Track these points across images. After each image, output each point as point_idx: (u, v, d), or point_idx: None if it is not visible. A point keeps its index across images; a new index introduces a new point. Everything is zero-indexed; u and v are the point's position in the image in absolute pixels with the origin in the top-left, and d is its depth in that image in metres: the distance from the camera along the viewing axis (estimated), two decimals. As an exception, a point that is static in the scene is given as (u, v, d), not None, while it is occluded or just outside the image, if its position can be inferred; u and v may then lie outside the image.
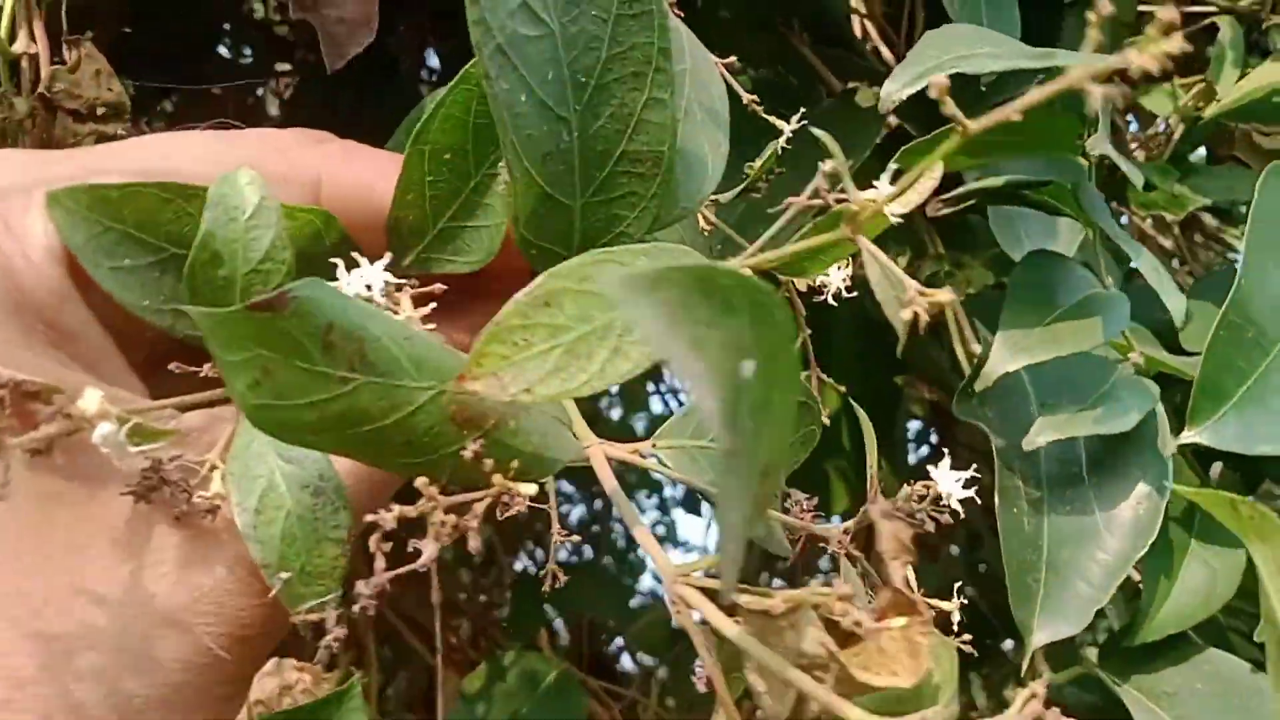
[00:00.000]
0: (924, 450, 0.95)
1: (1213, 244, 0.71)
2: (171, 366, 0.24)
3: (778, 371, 0.15)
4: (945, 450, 0.29)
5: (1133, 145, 0.52)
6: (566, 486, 1.09)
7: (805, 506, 0.30)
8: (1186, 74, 0.55)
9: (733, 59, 0.33)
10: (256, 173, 0.23)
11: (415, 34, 0.61)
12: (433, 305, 0.24)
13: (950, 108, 0.19)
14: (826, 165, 0.27)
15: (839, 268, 0.29)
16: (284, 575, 0.23)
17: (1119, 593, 0.38)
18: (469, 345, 0.22)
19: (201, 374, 0.24)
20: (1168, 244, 0.71)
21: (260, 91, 0.68)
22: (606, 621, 0.91)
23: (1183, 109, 0.52)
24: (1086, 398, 0.38)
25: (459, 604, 0.78)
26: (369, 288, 0.23)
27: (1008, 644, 0.80)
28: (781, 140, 0.34)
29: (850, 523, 0.29)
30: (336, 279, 0.23)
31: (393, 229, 0.27)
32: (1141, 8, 0.60)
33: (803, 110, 0.34)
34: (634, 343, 0.22)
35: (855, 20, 0.55)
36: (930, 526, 0.28)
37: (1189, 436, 0.38)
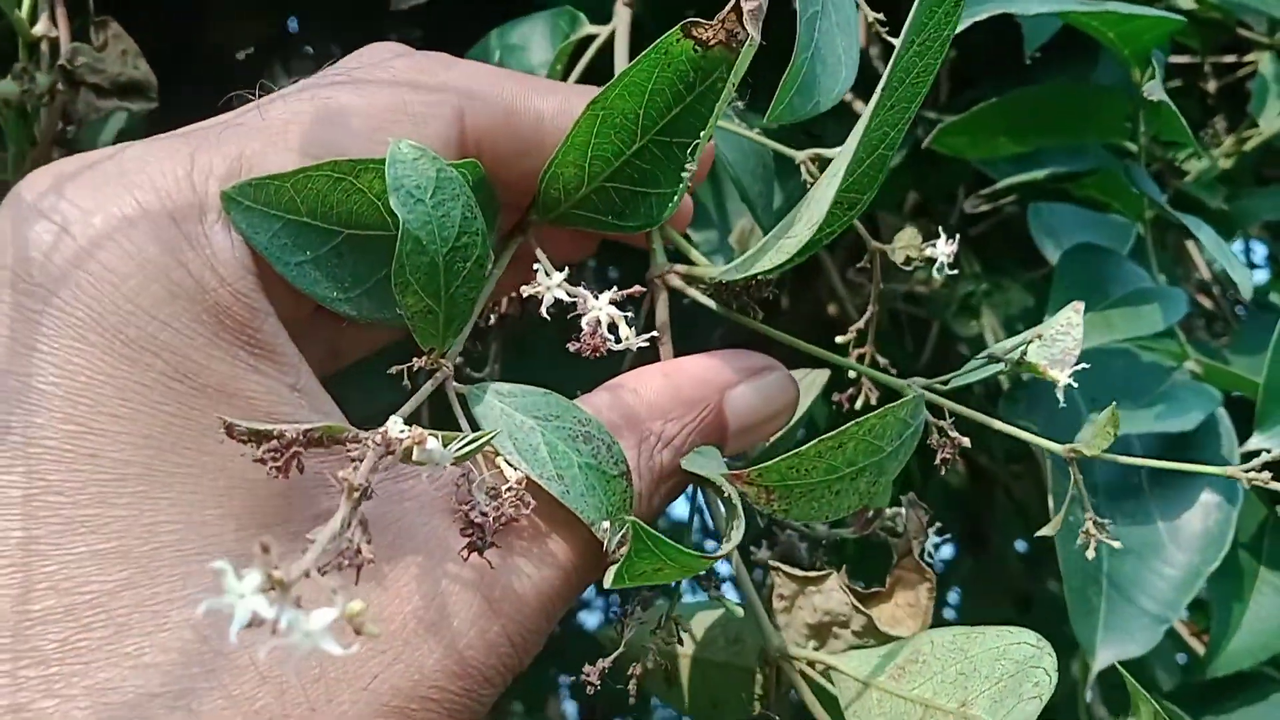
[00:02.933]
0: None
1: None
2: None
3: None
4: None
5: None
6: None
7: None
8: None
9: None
10: (419, 145, 0.22)
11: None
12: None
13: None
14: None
15: (946, 241, 0.30)
16: (605, 525, 0.23)
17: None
18: None
19: (415, 368, 0.24)
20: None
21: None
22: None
23: (1224, 149, 0.51)
24: (1142, 399, 0.36)
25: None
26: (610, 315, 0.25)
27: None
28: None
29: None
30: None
31: (547, 183, 0.27)
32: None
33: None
34: (874, 489, 0.25)
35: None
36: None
37: (1256, 442, 0.35)
